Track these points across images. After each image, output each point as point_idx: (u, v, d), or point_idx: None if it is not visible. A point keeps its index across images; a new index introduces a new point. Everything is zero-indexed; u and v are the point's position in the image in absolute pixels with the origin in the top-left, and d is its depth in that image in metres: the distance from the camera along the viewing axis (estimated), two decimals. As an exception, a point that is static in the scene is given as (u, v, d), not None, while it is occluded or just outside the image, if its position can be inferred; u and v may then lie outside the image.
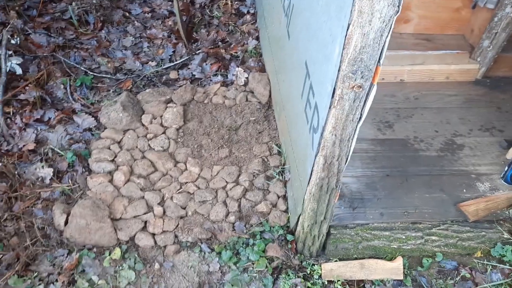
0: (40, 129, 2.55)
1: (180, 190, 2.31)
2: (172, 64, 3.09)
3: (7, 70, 2.71)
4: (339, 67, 1.54)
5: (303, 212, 2.01)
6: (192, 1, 3.61)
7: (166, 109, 2.66)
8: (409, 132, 2.59)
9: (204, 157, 2.49)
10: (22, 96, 2.65)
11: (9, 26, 2.90)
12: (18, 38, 2.87)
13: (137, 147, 2.48)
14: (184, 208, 2.25)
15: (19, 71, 2.75)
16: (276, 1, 2.61)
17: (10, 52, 2.79)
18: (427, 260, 2.17)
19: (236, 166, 2.44)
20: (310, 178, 1.89)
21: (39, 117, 2.60)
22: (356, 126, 1.72)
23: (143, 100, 2.71)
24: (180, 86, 2.85)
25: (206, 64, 3.06)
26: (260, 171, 2.41)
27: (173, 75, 3.03)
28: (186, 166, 2.43)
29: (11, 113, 2.59)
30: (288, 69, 2.30)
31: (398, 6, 1.40)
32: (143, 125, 2.60)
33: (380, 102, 2.76)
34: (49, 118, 2.62)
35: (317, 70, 1.81)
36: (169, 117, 2.61)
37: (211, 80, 2.97)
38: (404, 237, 2.13)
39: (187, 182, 2.35)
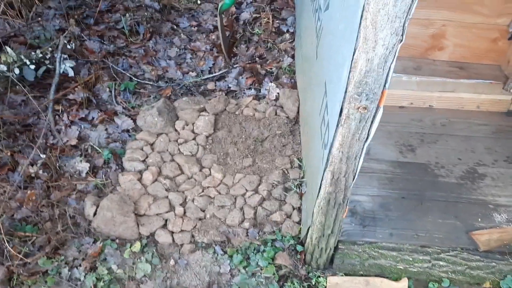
0: (84, 127, 2.79)
1: (201, 194, 2.46)
2: (211, 75, 3.27)
3: (61, 72, 2.99)
4: (346, 88, 1.65)
5: (312, 224, 2.09)
6: (237, 17, 3.80)
7: (198, 117, 2.84)
8: (431, 158, 2.61)
9: (228, 164, 2.63)
10: (71, 96, 2.91)
11: (66, 32, 3.20)
12: (73, 44, 3.16)
13: (167, 150, 2.66)
14: (204, 211, 2.39)
15: (71, 73, 3.01)
16: (310, 23, 2.73)
17: (65, 56, 3.07)
18: (433, 285, 2.18)
19: (257, 175, 2.56)
20: (319, 192, 1.98)
21: (83, 116, 2.84)
22: (363, 145, 1.80)
23: (179, 107, 2.90)
24: (215, 97, 3.03)
25: (242, 78, 3.22)
26: (280, 182, 2.52)
27: (210, 86, 3.21)
28: (210, 171, 2.57)
29: (60, 111, 2.85)
30: (313, 86, 2.41)
31: (402, 35, 1.49)
32: (176, 130, 2.78)
33: (406, 126, 2.80)
34: (93, 118, 2.86)
35: (332, 89, 1.91)
36: (200, 125, 2.78)
37: (244, 93, 3.12)
38: (411, 259, 2.16)
39: (209, 187, 2.50)
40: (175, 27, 3.72)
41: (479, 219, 2.29)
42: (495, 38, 2.95)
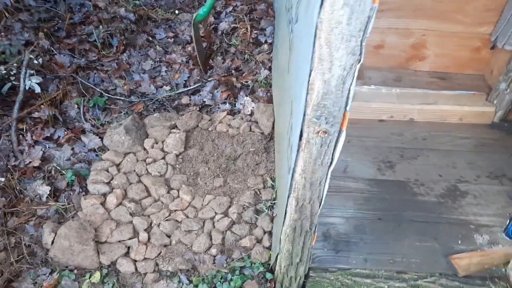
0: (48, 147, 2.66)
1: (168, 218, 2.33)
2: (185, 89, 3.15)
3: (27, 88, 2.86)
4: (305, 111, 1.52)
5: (280, 251, 1.96)
6: (216, 28, 3.68)
7: (169, 134, 2.71)
8: (411, 175, 2.48)
9: (198, 185, 2.50)
10: (36, 114, 2.78)
11: (32, 46, 3.07)
12: (41, 59, 3.03)
13: (134, 170, 2.53)
14: (169, 236, 2.26)
15: (37, 89, 2.88)
16: (285, 34, 2.61)
17: (32, 71, 2.94)
18: (411, 313, 2.06)
19: (228, 197, 2.43)
20: (284, 218, 1.85)
21: (49, 135, 2.71)
22: (328, 170, 1.67)
23: (149, 124, 2.78)
24: (189, 112, 2.91)
25: (217, 92, 3.09)
26: (251, 204, 2.39)
27: (185, 100, 3.08)
28: (179, 193, 2.44)
29: (24, 130, 2.72)
30: (284, 103, 2.29)
31: (360, 55, 1.36)
32: (144, 149, 2.65)
33: (386, 141, 2.67)
34: (59, 137, 2.73)
35: (295, 110, 1.79)
36: (170, 143, 2.65)
37: (219, 108, 2.99)
38: (386, 286, 2.02)
39: (176, 210, 2.36)
40: (150, 38, 3.60)
41: (459, 241, 2.16)
42: (478, 47, 2.83)
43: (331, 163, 1.65)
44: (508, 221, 2.17)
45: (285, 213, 1.83)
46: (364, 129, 2.74)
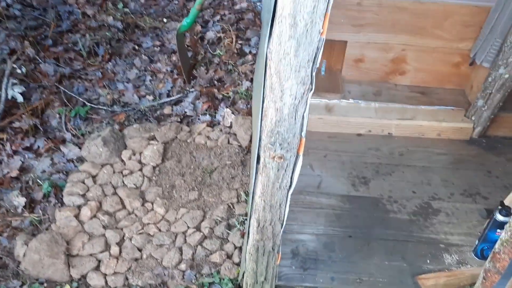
0: (27, 157, 2.68)
1: (140, 231, 2.34)
2: (168, 99, 3.16)
3: (9, 98, 2.88)
4: (260, 136, 1.53)
5: (245, 269, 1.97)
6: (202, 37, 3.68)
7: (147, 146, 2.72)
8: (384, 191, 2.48)
9: (173, 198, 2.51)
10: (16, 124, 2.80)
11: (16, 55, 3.09)
12: (24, 68, 3.05)
13: (110, 182, 2.54)
14: (141, 250, 2.26)
15: (20, 99, 2.90)
16: (263, 47, 2.62)
17: (15, 81, 2.96)
18: (376, 333, 2.06)
19: (201, 210, 2.44)
20: (248, 238, 1.86)
21: (28, 145, 2.72)
22: (287, 193, 1.67)
23: (128, 135, 2.79)
24: (170, 123, 2.92)
25: (198, 102, 3.10)
26: (223, 219, 2.40)
27: (167, 110, 3.09)
28: (153, 206, 2.46)
29: (4, 140, 2.74)
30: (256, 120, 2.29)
31: (311, 84, 1.37)
32: (122, 160, 2.66)
33: (362, 156, 2.67)
34: (38, 147, 2.74)
35: (254, 133, 1.80)
36: (148, 154, 2.66)
37: (199, 119, 3.01)
38: (351, 306, 2.03)
39: (149, 223, 2.37)
40: (137, 47, 3.61)
41: (428, 261, 2.15)
42: (457, 62, 2.82)
43: (290, 186, 1.65)
44: (477, 240, 2.16)
45: (248, 233, 1.84)
46: (342, 143, 2.74)
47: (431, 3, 2.58)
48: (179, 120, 3.00)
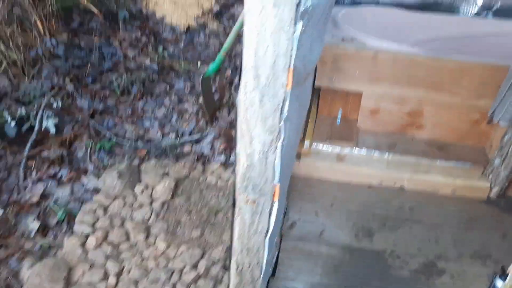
0: (50, 184, 2.85)
1: (140, 264, 2.41)
2: (189, 138, 3.29)
3: (43, 129, 3.12)
4: (235, 179, 1.57)
5: (229, 313, 1.97)
6: (232, 81, 3.84)
7: (160, 181, 2.82)
8: (388, 245, 2.41)
9: (177, 234, 2.57)
10: (45, 153, 3.02)
11: (54, 90, 3.36)
12: (60, 102, 3.30)
13: (120, 214, 2.65)
14: (136, 284, 2.33)
15: (53, 130, 3.12)
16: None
17: (50, 113, 3.20)
18: None
19: (201, 249, 2.47)
20: (229, 282, 1.87)
21: (53, 173, 2.91)
22: (264, 238, 1.69)
23: (144, 170, 2.92)
24: (185, 161, 3.03)
25: (216, 143, 3.20)
26: (221, 260, 2.42)
27: (186, 148, 3.22)
28: (155, 240, 2.53)
29: (33, 167, 2.96)
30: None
31: (279, 133, 1.42)
32: (134, 194, 2.78)
33: (371, 207, 2.63)
34: (61, 176, 2.92)
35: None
36: (159, 190, 2.76)
37: (215, 159, 3.10)
38: None
39: (149, 257, 2.44)
40: (168, 88, 3.81)
41: (423, 324, 2.06)
42: (477, 119, 2.75)
43: (267, 231, 1.67)
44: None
45: (229, 276, 1.85)
46: (351, 193, 2.71)
47: (447, 60, 2.56)
48: (196, 158, 3.10)
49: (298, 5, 1.15)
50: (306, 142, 2.71)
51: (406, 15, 3.17)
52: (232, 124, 3.35)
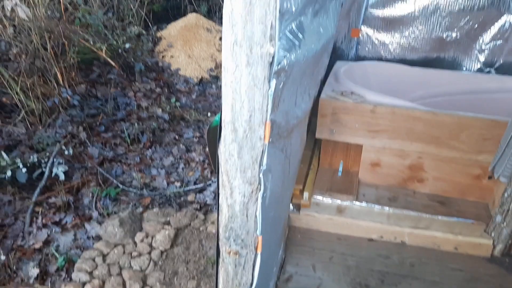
0: (54, 231, 2.91)
1: (133, 314, 2.40)
2: (193, 187, 3.34)
3: (53, 176, 3.22)
4: (218, 229, 1.59)
5: None
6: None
7: (161, 230, 2.85)
8: (386, 303, 2.34)
9: (173, 285, 2.56)
10: (52, 199, 3.09)
11: (66, 138, 3.49)
12: (71, 149, 3.42)
13: (118, 263, 2.66)
14: (128, 334, 2.31)
15: (62, 177, 3.22)
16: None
17: (61, 160, 3.32)
18: None
19: (196, 300, 2.46)
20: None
21: (58, 220, 2.97)
22: (249, 290, 1.68)
23: (146, 218, 2.95)
24: (187, 210, 3.06)
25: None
26: (214, 312, 2.39)
27: (190, 197, 3.25)
28: (151, 290, 2.52)
29: (39, 213, 3.03)
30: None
31: (259, 184, 1.45)
32: (134, 242, 2.80)
33: (370, 262, 2.57)
34: (66, 222, 2.98)
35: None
36: (159, 239, 2.78)
37: (216, 208, 3.12)
38: None
39: (143, 307, 2.43)
40: (177, 137, 3.91)
41: None
42: (478, 174, 2.72)
43: (251, 284, 1.67)
44: None
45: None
46: (351, 247, 2.67)
47: (445, 114, 2.58)
48: (198, 207, 3.13)
49: (271, 64, 1.21)
50: (305, 194, 2.71)
51: (408, 70, 3.23)
52: (236, 174, 3.39)
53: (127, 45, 4.49)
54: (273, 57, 1.21)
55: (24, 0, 4.08)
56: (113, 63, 4.39)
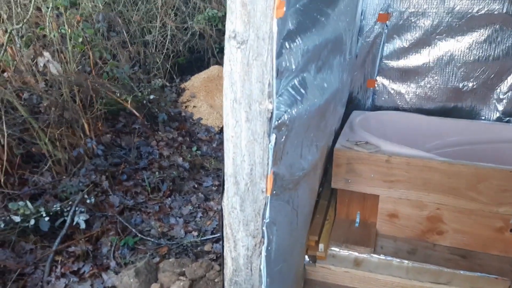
0: (72, 280, 2.94)
1: None
2: (210, 236, 3.34)
3: (74, 224, 3.28)
4: (223, 284, 1.59)
5: None
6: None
7: (176, 281, 2.84)
8: None
9: (185, 337, 2.53)
10: (72, 248, 3.14)
11: (89, 187, 3.58)
12: (93, 198, 3.50)
13: (132, 313, 2.66)
14: None
15: (83, 225, 3.28)
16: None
17: (82, 209, 3.39)
18: None
19: None
20: None
21: (76, 269, 3.00)
22: None
23: (162, 268, 2.95)
24: (202, 261, 3.05)
25: (236, 243, 3.22)
26: None
27: (207, 247, 3.25)
28: None
29: (58, 262, 3.07)
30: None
31: (263, 237, 1.45)
32: (149, 293, 2.80)
33: (388, 318, 2.49)
34: (84, 272, 3.01)
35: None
36: (174, 290, 2.77)
37: (233, 260, 3.09)
38: None
39: None
40: (197, 185, 3.96)
41: None
42: (500, 227, 2.63)
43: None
44: None
45: None
46: (368, 302, 2.59)
47: (461, 165, 2.55)
48: (215, 257, 3.11)
49: (270, 119, 1.25)
50: (321, 245, 2.67)
51: (424, 119, 3.23)
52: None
53: (151, 96, 4.66)
54: (272, 113, 1.25)
55: (57, 56, 4.32)
56: (137, 114, 4.54)
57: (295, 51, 1.34)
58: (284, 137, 1.38)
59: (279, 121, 1.31)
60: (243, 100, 1.22)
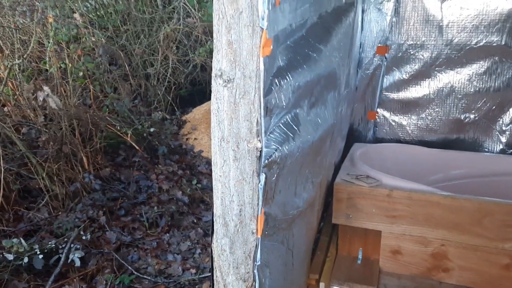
0: (64, 320, 2.88)
1: None
2: (208, 275, 3.26)
3: (68, 261, 3.22)
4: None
5: None
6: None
7: (172, 322, 2.76)
8: None
9: None
10: (66, 287, 3.08)
11: (86, 223, 3.53)
12: (90, 234, 3.45)
13: None
14: None
15: (77, 263, 3.21)
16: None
17: (78, 246, 3.34)
18: None
19: None
20: None
21: (69, 309, 2.95)
22: None
23: (158, 308, 2.88)
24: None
25: (235, 281, 3.14)
26: None
27: (205, 286, 3.17)
28: None
29: (51, 301, 3.00)
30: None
31: (254, 280, 1.40)
32: (144, 334, 2.71)
33: None
34: (77, 310, 2.95)
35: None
36: (169, 331, 2.69)
37: (231, 299, 3.01)
38: None
39: None
40: (196, 220, 3.90)
41: None
42: (507, 264, 2.54)
43: None
44: None
45: None
46: None
47: (464, 199, 2.49)
48: (212, 297, 3.03)
49: (259, 158, 1.22)
50: (322, 284, 2.59)
51: (426, 152, 3.18)
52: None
53: (152, 129, 4.66)
54: (261, 151, 1.22)
55: (57, 90, 4.36)
56: (137, 147, 4.53)
57: (286, 88, 1.32)
58: (275, 175, 1.35)
59: (270, 159, 1.28)
60: (230, 139, 1.20)
